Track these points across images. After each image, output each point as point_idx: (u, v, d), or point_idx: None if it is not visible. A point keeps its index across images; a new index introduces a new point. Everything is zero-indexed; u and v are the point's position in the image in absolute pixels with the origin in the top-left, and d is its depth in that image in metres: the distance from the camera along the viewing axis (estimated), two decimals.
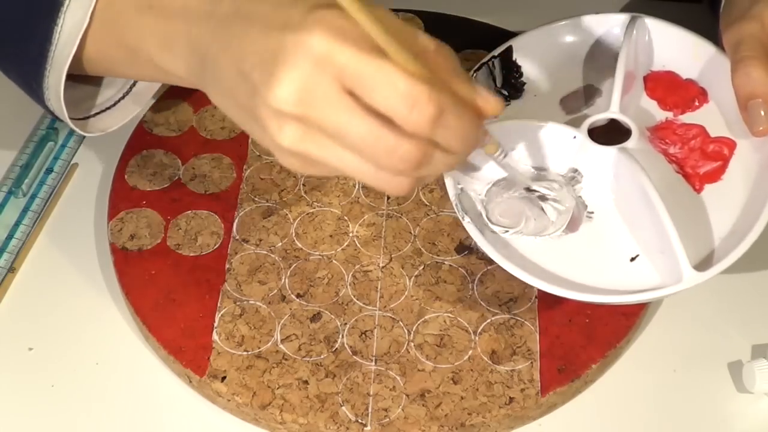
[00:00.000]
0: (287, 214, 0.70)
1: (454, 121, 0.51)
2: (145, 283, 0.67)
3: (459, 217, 0.63)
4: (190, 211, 0.71)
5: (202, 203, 0.71)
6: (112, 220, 0.70)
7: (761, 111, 0.63)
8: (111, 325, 0.67)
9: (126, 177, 0.72)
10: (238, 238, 0.69)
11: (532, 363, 0.63)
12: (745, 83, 0.63)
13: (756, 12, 0.65)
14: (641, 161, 0.63)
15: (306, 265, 0.68)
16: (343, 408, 0.61)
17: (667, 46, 0.70)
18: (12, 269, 0.69)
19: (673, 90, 0.69)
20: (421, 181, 0.55)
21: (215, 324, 0.65)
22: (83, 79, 0.66)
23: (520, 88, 0.71)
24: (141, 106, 0.69)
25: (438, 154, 0.52)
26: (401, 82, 0.49)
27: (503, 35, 0.73)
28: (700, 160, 0.65)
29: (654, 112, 0.68)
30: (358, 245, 0.69)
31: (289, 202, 0.71)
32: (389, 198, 0.71)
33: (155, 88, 0.69)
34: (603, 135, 0.65)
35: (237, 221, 0.70)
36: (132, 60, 0.60)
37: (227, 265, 0.68)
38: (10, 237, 0.71)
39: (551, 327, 0.64)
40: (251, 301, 0.66)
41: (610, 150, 0.64)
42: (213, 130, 0.75)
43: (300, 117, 0.50)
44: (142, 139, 0.75)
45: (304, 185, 0.72)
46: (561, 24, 0.72)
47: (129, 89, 0.68)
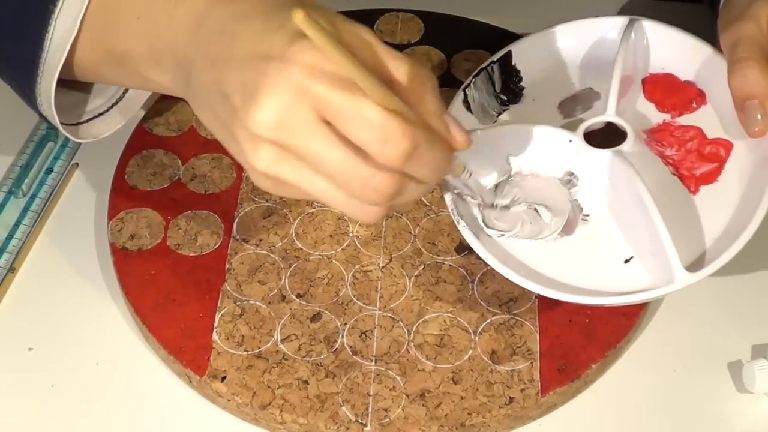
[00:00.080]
0: (287, 214, 0.70)
1: (426, 155, 0.52)
2: (145, 283, 0.67)
3: (454, 222, 0.63)
4: (190, 211, 0.71)
5: (202, 203, 0.71)
6: (112, 220, 0.70)
7: (757, 112, 0.63)
8: (111, 325, 0.67)
9: (126, 177, 0.72)
10: (238, 238, 0.69)
11: (532, 363, 0.63)
12: (742, 84, 0.63)
13: (753, 12, 0.65)
14: (637, 164, 0.63)
15: (306, 265, 0.68)
16: (343, 408, 0.61)
17: (666, 48, 0.70)
18: (12, 269, 0.69)
19: (671, 92, 0.69)
20: (392, 209, 0.56)
21: (215, 324, 0.65)
22: (76, 86, 0.66)
23: (518, 92, 0.71)
24: (132, 113, 0.69)
25: (411, 184, 0.53)
26: (376, 117, 0.50)
27: (503, 35, 0.73)
28: (696, 161, 0.66)
29: (651, 114, 0.68)
30: (358, 245, 0.69)
31: (289, 202, 0.71)
32: None
33: (146, 96, 0.69)
34: (599, 138, 0.65)
35: (237, 221, 0.70)
36: (120, 68, 0.61)
37: (227, 265, 0.68)
38: (10, 237, 0.71)
39: (551, 327, 0.64)
40: (251, 301, 0.66)
41: (605, 153, 0.64)
42: None
43: (276, 142, 0.51)
44: (142, 139, 0.75)
45: None
46: (559, 28, 0.72)
47: (121, 96, 0.68)
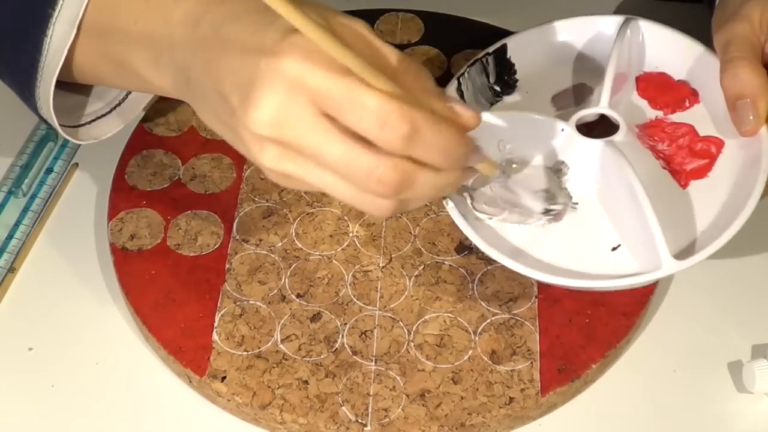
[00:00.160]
0: (287, 214, 0.70)
1: (430, 136, 0.50)
2: (145, 283, 0.67)
3: (443, 202, 0.63)
4: (190, 211, 0.71)
5: (202, 203, 0.71)
6: (112, 220, 0.70)
7: (749, 111, 0.63)
8: (111, 325, 0.67)
9: (126, 177, 0.72)
10: (238, 238, 0.69)
11: (532, 363, 0.63)
12: (734, 84, 0.63)
13: (745, 12, 0.65)
14: (628, 155, 0.63)
15: (306, 265, 0.68)
16: (343, 408, 0.61)
17: (660, 47, 0.70)
18: (12, 269, 0.69)
19: (665, 90, 0.69)
20: (408, 204, 0.54)
21: (215, 324, 0.65)
22: (76, 88, 0.66)
23: (512, 84, 0.72)
24: (134, 115, 0.69)
25: (423, 174, 0.52)
26: (371, 100, 0.49)
27: (503, 35, 0.73)
28: (687, 157, 0.66)
29: (644, 111, 0.69)
30: (358, 245, 0.69)
31: (289, 202, 0.71)
32: None
33: (148, 98, 0.69)
34: (592, 130, 0.66)
35: (237, 221, 0.70)
36: (120, 72, 0.61)
37: (227, 265, 0.68)
38: (10, 237, 0.71)
39: (551, 327, 0.64)
40: (251, 301, 0.66)
41: (596, 143, 0.64)
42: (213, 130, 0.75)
43: (277, 139, 0.51)
44: (142, 139, 0.75)
45: None
46: (556, 24, 0.72)
47: (123, 99, 0.68)
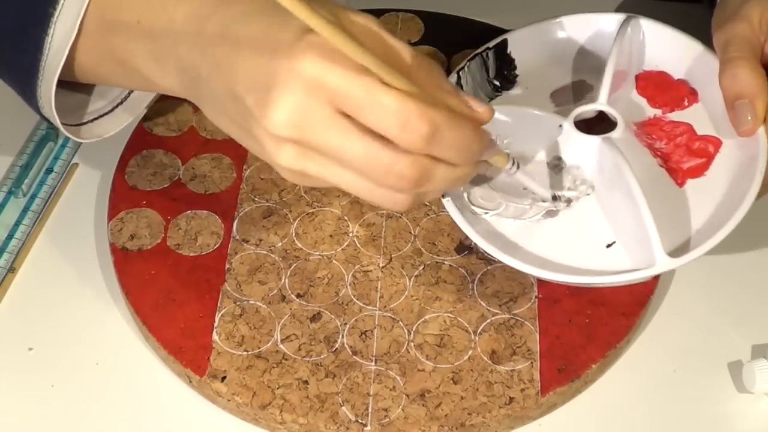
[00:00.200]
0: (287, 214, 0.70)
1: (449, 135, 0.51)
2: (145, 283, 0.67)
3: (440, 197, 0.63)
4: (190, 211, 0.71)
5: (202, 203, 0.71)
6: (112, 220, 0.70)
7: (747, 111, 0.63)
8: (111, 325, 0.67)
9: (126, 177, 0.72)
10: (238, 238, 0.69)
11: (532, 363, 0.63)
12: (732, 84, 0.64)
13: (744, 12, 0.65)
14: (625, 152, 0.63)
15: (306, 265, 0.68)
16: (343, 408, 0.61)
17: (661, 46, 0.70)
18: (12, 269, 0.69)
19: (664, 89, 0.69)
20: (425, 197, 0.55)
21: (215, 324, 0.65)
22: (78, 87, 0.66)
23: (512, 80, 0.72)
24: (136, 113, 0.69)
25: (440, 169, 0.52)
26: (391, 101, 0.49)
27: (503, 35, 0.73)
28: (684, 155, 0.66)
29: (643, 109, 0.69)
30: (358, 245, 0.69)
31: (289, 202, 0.71)
32: None
33: (151, 96, 0.69)
34: (590, 127, 0.66)
35: (237, 221, 0.70)
36: (123, 72, 0.61)
37: (227, 265, 0.68)
38: (10, 237, 0.71)
39: (551, 327, 0.64)
40: (251, 301, 0.66)
41: (594, 139, 0.64)
42: (213, 130, 0.75)
43: (296, 139, 0.51)
44: (142, 139, 0.75)
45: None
46: (557, 20, 0.72)
47: (126, 97, 0.68)
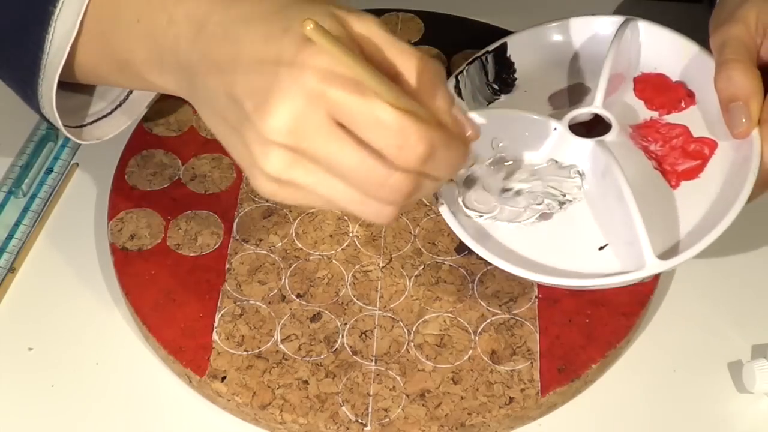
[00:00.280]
0: (287, 214, 0.70)
1: (443, 155, 0.52)
2: (145, 283, 0.67)
3: (433, 202, 0.64)
4: (190, 211, 0.71)
5: (202, 203, 0.71)
6: (112, 220, 0.70)
7: (741, 114, 0.63)
8: (111, 325, 0.67)
9: (126, 177, 0.72)
10: (238, 238, 0.69)
11: (532, 363, 0.63)
12: (727, 86, 0.64)
13: (741, 14, 0.65)
14: (619, 155, 0.63)
15: (306, 265, 0.68)
16: (343, 408, 0.61)
17: (659, 49, 0.70)
18: (12, 269, 0.69)
19: (661, 91, 0.69)
20: (406, 208, 0.56)
21: (215, 324, 0.65)
22: (79, 89, 0.66)
23: (511, 83, 0.72)
24: (136, 115, 0.69)
25: (428, 181, 0.53)
26: (391, 120, 0.50)
27: (503, 35, 0.73)
28: (679, 158, 0.66)
29: (639, 111, 0.69)
30: (358, 245, 0.69)
31: None
32: None
33: (151, 97, 0.69)
34: (586, 130, 0.66)
35: (237, 221, 0.70)
36: (122, 71, 0.61)
37: (227, 265, 0.68)
38: (10, 237, 0.71)
39: (551, 327, 0.64)
40: (251, 301, 0.66)
41: (587, 142, 0.65)
42: None
43: (290, 146, 0.51)
44: (142, 139, 0.75)
45: None
46: (556, 24, 0.73)
47: (125, 98, 0.68)
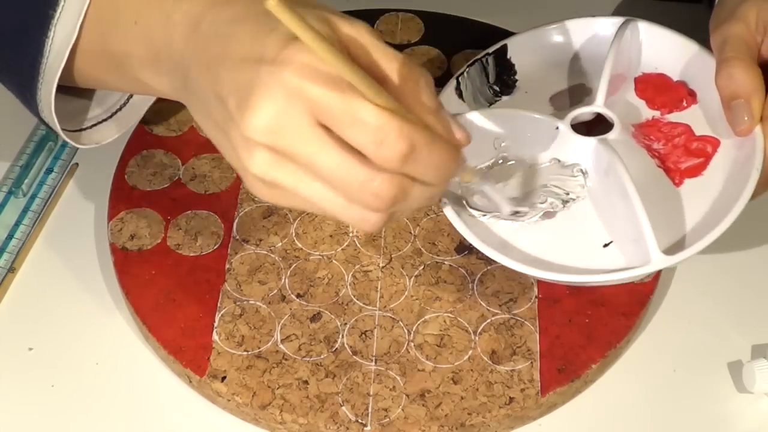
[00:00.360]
0: (287, 214, 0.70)
1: (426, 155, 0.51)
2: (145, 283, 0.67)
3: (440, 202, 0.64)
4: (190, 211, 0.71)
5: (202, 203, 0.71)
6: (112, 220, 0.70)
7: (743, 111, 0.63)
8: (111, 325, 0.67)
9: (126, 177, 0.72)
10: (238, 238, 0.69)
11: (532, 363, 0.63)
12: (728, 84, 0.64)
13: (741, 13, 0.65)
14: (622, 153, 0.63)
15: (306, 265, 0.68)
16: (343, 408, 0.61)
17: (659, 48, 0.70)
18: (12, 269, 0.69)
19: (663, 91, 0.69)
20: (396, 216, 0.54)
21: (215, 324, 0.65)
22: (78, 93, 0.66)
23: (512, 85, 0.72)
24: (134, 121, 0.69)
25: (415, 188, 0.52)
26: (371, 117, 0.49)
27: (503, 35, 0.73)
28: (682, 156, 0.66)
29: (641, 111, 0.69)
30: (358, 245, 0.69)
31: None
32: None
33: (149, 103, 0.69)
34: (587, 130, 0.66)
35: (237, 221, 0.70)
36: (119, 73, 0.61)
37: (227, 265, 0.68)
38: (10, 237, 0.71)
39: (551, 327, 0.64)
40: (251, 301, 0.66)
41: (590, 140, 0.65)
42: None
43: (271, 146, 0.50)
44: (142, 139, 0.75)
45: None
46: (556, 25, 0.73)
47: (123, 104, 0.68)
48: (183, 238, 0.69)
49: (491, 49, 0.72)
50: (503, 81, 0.72)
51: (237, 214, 0.70)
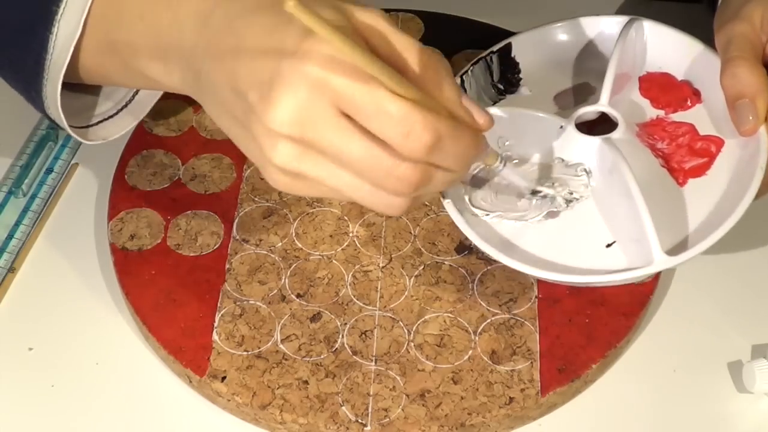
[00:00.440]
0: (287, 214, 0.70)
1: (450, 144, 0.51)
2: (145, 283, 0.67)
3: (440, 198, 0.64)
4: (190, 211, 0.71)
5: (202, 203, 0.71)
6: (112, 220, 0.70)
7: (748, 111, 0.63)
8: (111, 325, 0.67)
9: (126, 177, 0.72)
10: (238, 238, 0.69)
11: (532, 363, 0.63)
12: (733, 84, 0.64)
13: (746, 12, 0.65)
14: (626, 153, 0.63)
15: (306, 265, 0.68)
16: (343, 408, 0.61)
17: (664, 48, 0.70)
18: (12, 269, 0.69)
19: (667, 90, 0.69)
20: (418, 200, 0.55)
21: (215, 324, 0.65)
22: (84, 89, 0.66)
23: (516, 83, 0.72)
24: (143, 115, 0.69)
25: (438, 173, 0.53)
26: (396, 109, 0.49)
27: (503, 35, 0.73)
28: (686, 155, 0.66)
29: (645, 110, 0.69)
30: (358, 245, 0.69)
31: (289, 202, 0.71)
32: None
33: (156, 97, 0.69)
34: (592, 129, 0.66)
35: (237, 221, 0.70)
36: (126, 70, 0.61)
37: (227, 265, 0.68)
38: (10, 237, 0.71)
39: (551, 327, 0.64)
40: (251, 301, 0.66)
41: (594, 140, 0.65)
42: (213, 130, 0.75)
43: (296, 138, 0.51)
44: (142, 139, 0.75)
45: None
46: (560, 24, 0.73)
47: (131, 99, 0.68)
48: (183, 238, 0.69)
49: (495, 48, 0.72)
50: (507, 79, 0.72)
51: (237, 214, 0.70)
